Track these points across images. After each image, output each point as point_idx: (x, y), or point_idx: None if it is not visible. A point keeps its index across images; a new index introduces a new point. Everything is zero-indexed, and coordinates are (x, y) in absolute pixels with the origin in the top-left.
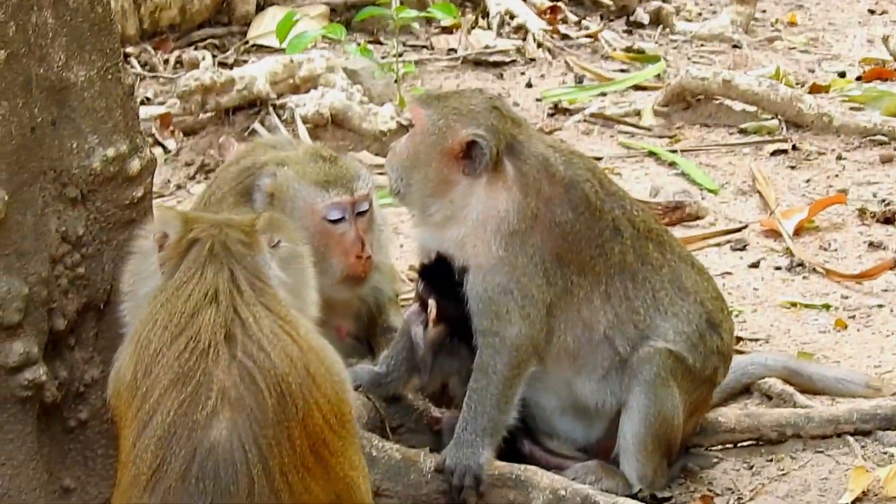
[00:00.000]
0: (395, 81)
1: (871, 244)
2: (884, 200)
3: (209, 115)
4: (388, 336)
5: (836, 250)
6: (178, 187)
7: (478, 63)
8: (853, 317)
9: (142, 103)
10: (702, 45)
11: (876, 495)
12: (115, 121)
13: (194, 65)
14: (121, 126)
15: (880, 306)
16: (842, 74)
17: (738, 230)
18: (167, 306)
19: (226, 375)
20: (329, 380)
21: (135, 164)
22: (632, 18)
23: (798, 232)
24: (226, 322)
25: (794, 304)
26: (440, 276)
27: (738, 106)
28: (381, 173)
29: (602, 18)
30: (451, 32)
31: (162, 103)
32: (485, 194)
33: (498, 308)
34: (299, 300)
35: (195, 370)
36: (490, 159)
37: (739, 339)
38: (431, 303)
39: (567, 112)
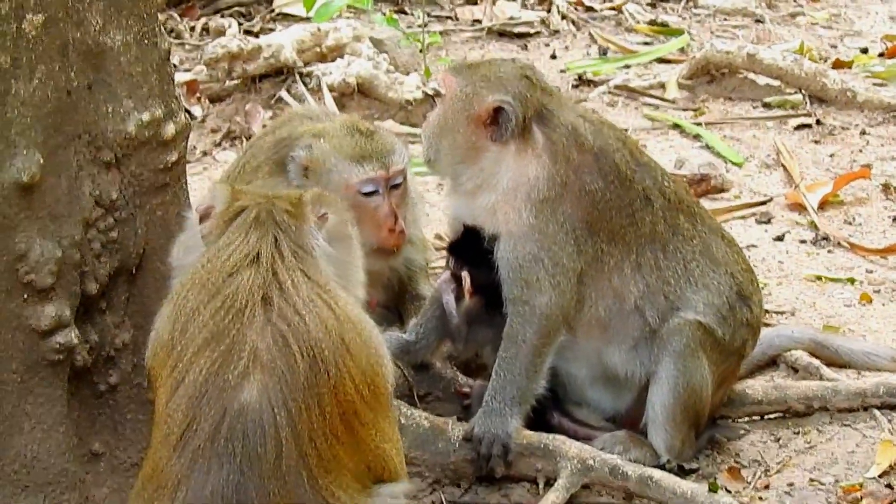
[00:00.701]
0: (421, 51)
1: (895, 219)
2: None
3: (235, 82)
4: (416, 304)
5: (860, 224)
6: (204, 154)
7: (502, 34)
8: (878, 291)
9: None
10: (725, 20)
11: None
12: (151, 85)
13: (220, 32)
14: (156, 91)
15: None
16: (864, 51)
17: (763, 203)
18: (207, 266)
19: (259, 337)
20: (365, 352)
21: (169, 129)
22: None
23: (822, 206)
24: (264, 284)
25: (819, 278)
26: (470, 247)
27: (762, 80)
28: (406, 143)
29: None
30: (476, 3)
31: (188, 70)
32: (514, 162)
33: (528, 276)
34: (344, 276)
35: (229, 330)
36: (517, 126)
37: (766, 311)
38: (466, 274)
39: (591, 84)
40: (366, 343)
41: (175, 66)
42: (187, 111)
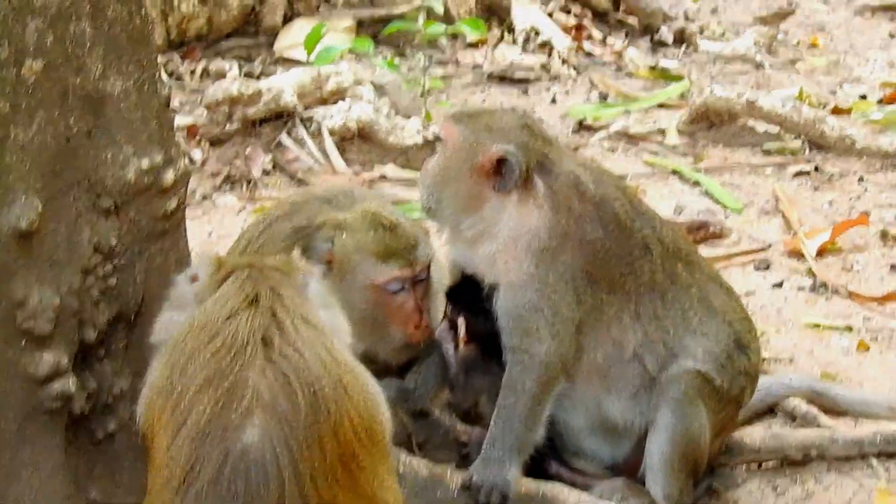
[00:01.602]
0: (422, 95)
1: (893, 266)
2: None
3: (236, 125)
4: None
5: (858, 272)
6: (204, 198)
7: (503, 79)
8: (875, 339)
9: None
10: (725, 65)
11: None
12: (151, 132)
13: (221, 75)
14: (156, 137)
15: None
16: (863, 97)
17: (762, 250)
18: (204, 314)
19: (260, 376)
20: (363, 396)
21: (169, 176)
22: (656, 37)
23: (821, 253)
24: (264, 324)
25: (817, 326)
26: (468, 294)
27: (761, 126)
28: (407, 187)
29: (626, 36)
30: (477, 48)
31: (189, 113)
32: (516, 211)
33: (528, 325)
34: (334, 327)
35: (230, 369)
36: (520, 176)
37: (764, 359)
38: (461, 322)
39: (591, 129)
40: (363, 388)
41: (175, 109)
42: (187, 155)
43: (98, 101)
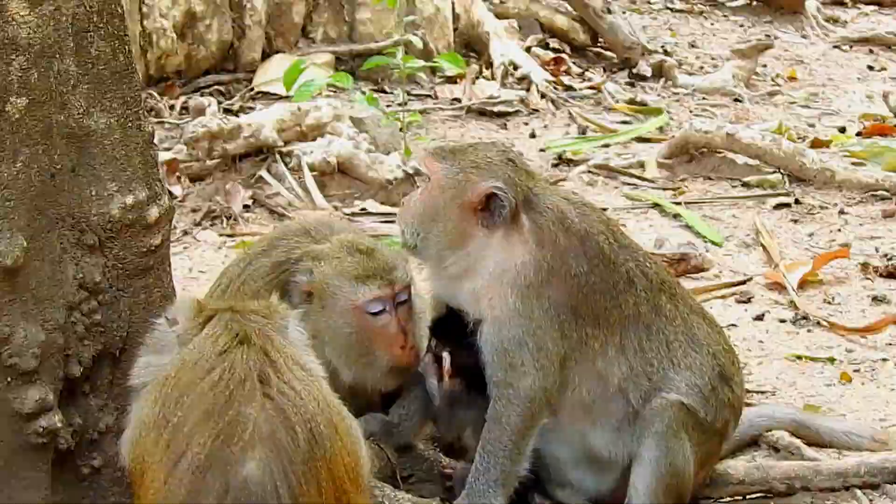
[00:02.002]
0: (401, 130)
1: (874, 298)
2: (886, 255)
3: (216, 161)
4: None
5: (839, 304)
6: (185, 233)
7: (482, 113)
8: (858, 370)
9: None
10: (703, 99)
11: None
12: (135, 168)
13: (200, 111)
14: (140, 174)
15: (884, 360)
16: (842, 129)
17: (743, 283)
18: (194, 351)
19: (260, 412)
20: (349, 434)
21: (153, 212)
22: (634, 71)
23: (802, 285)
24: (258, 362)
25: (799, 357)
26: (452, 328)
27: (741, 159)
28: (387, 221)
29: (605, 70)
30: (456, 82)
31: (168, 149)
32: (501, 247)
33: (512, 359)
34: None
35: (229, 403)
36: (509, 211)
37: (746, 391)
38: (446, 355)
39: (571, 163)
40: (349, 427)
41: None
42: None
43: (82, 137)
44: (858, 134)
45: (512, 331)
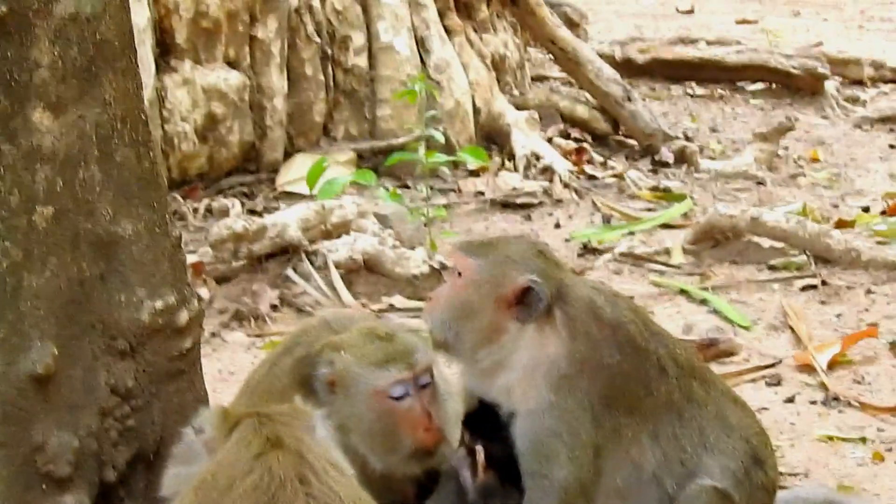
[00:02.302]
0: (426, 225)
1: None
2: None
3: (242, 262)
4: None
5: (870, 383)
6: (213, 335)
7: (505, 205)
8: (890, 449)
9: None
10: (726, 183)
11: None
12: (163, 273)
13: (224, 212)
14: (169, 278)
15: None
16: (866, 209)
17: (772, 366)
18: (229, 455)
19: None
20: None
21: (183, 316)
22: (657, 157)
23: (832, 366)
24: (295, 464)
25: (830, 438)
26: (485, 421)
27: (766, 242)
28: (415, 316)
29: (627, 158)
30: (478, 175)
31: (193, 252)
32: (534, 340)
33: (547, 451)
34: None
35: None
36: (545, 305)
37: (779, 473)
38: (479, 449)
39: (596, 252)
40: None
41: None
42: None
43: (110, 244)
44: (883, 213)
45: (546, 422)
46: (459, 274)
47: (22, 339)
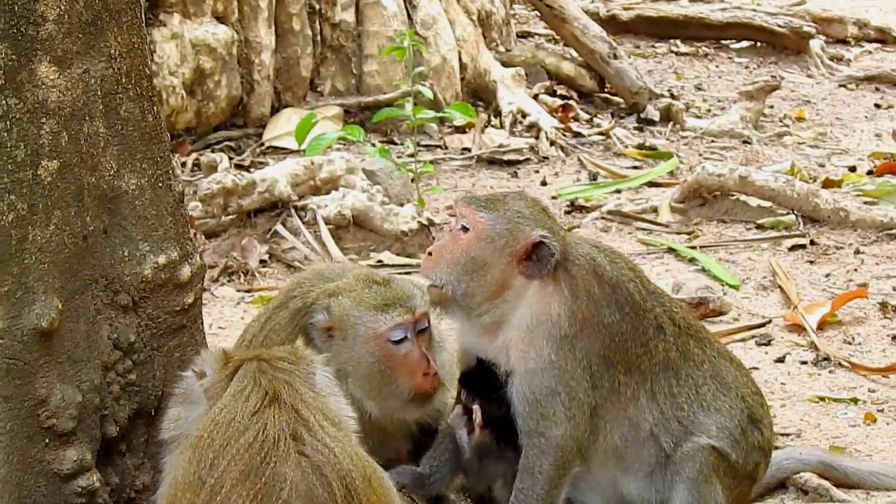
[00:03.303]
0: (413, 181)
1: (894, 337)
2: None
3: (231, 217)
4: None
5: (860, 344)
6: (203, 290)
7: (491, 161)
8: (881, 410)
9: None
10: (712, 141)
11: None
12: (166, 228)
13: (212, 167)
14: (171, 233)
15: None
16: (852, 169)
17: (762, 325)
18: (225, 410)
19: (296, 469)
20: (383, 488)
21: (185, 271)
22: (642, 115)
23: (821, 326)
24: (290, 420)
25: (822, 399)
26: (481, 380)
27: (754, 201)
28: (403, 273)
29: (613, 116)
30: (465, 132)
31: None
32: (536, 297)
33: (544, 410)
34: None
35: (266, 463)
36: (555, 261)
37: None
38: (476, 408)
39: (584, 209)
40: (381, 479)
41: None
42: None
43: (113, 198)
44: (869, 173)
45: (545, 381)
46: (464, 228)
47: (26, 293)
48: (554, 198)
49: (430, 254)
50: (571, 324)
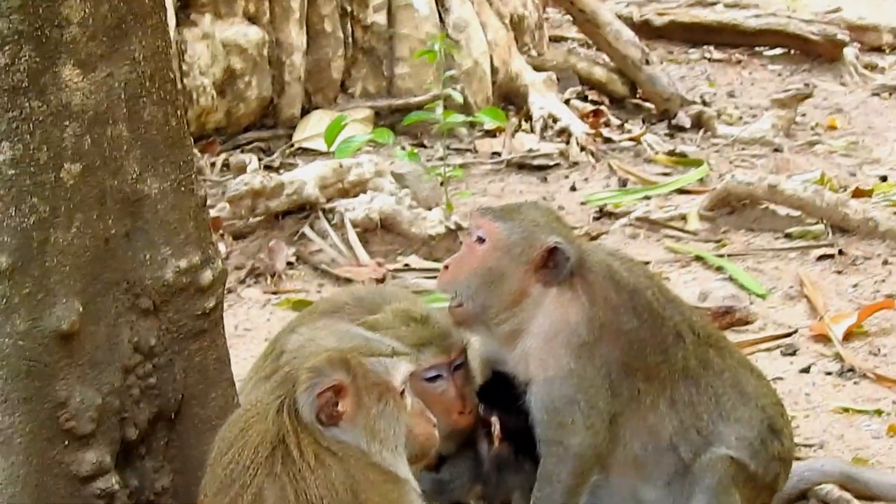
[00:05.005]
0: (441, 185)
1: None
2: None
3: (259, 218)
4: None
5: (886, 355)
6: (229, 291)
7: (521, 166)
8: None
9: None
10: (743, 149)
11: None
12: (188, 232)
13: (241, 168)
14: (193, 237)
15: None
16: (883, 178)
17: (788, 335)
18: (232, 421)
19: (266, 490)
20: None
21: (207, 276)
22: (673, 122)
23: (847, 337)
24: (272, 439)
25: (846, 410)
26: (499, 392)
27: (783, 210)
28: (430, 277)
29: (644, 122)
30: (495, 136)
31: (211, 207)
32: (553, 305)
33: (563, 418)
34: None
35: (235, 481)
36: (570, 268)
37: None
38: (495, 420)
39: (612, 216)
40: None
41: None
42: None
43: (136, 202)
44: None
45: (563, 389)
46: (480, 239)
47: (47, 296)
48: (583, 203)
49: (446, 267)
50: (590, 331)
